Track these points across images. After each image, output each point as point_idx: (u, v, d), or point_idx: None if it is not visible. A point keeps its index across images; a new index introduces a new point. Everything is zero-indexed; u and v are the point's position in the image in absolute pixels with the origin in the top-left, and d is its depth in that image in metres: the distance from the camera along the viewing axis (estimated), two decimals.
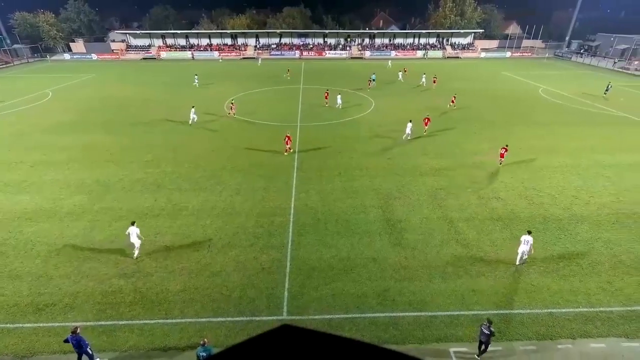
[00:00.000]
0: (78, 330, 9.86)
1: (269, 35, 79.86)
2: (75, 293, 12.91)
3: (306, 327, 0.92)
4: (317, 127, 30.24)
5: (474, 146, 25.85)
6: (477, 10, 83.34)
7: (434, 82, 45.59)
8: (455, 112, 34.30)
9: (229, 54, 76.04)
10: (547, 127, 29.71)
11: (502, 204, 18.43)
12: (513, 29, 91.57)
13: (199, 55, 76.03)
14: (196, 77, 47.25)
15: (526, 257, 14.26)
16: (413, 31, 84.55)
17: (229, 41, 79.37)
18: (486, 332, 10.21)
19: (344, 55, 76.28)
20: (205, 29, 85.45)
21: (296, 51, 76.68)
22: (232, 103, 34.34)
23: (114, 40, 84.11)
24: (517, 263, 14.23)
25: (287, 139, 24.32)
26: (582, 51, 75.91)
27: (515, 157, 23.53)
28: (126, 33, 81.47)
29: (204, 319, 11.94)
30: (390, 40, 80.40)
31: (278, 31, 79.58)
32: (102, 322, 11.80)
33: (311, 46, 78.71)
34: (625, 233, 16.05)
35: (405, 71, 51.69)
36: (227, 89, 44.63)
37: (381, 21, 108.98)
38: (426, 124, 28.34)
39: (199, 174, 21.68)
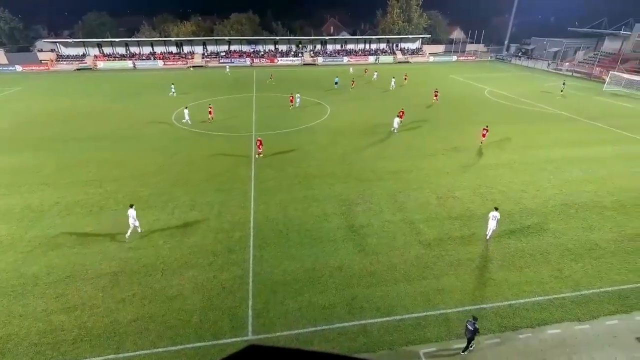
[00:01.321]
0: None
1: (217, 42, 77.60)
2: (5, 336, 11.31)
3: (274, 345, 0.86)
4: (273, 136, 29.60)
5: (429, 147, 26.68)
6: (422, 16, 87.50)
7: (405, 79, 51.74)
8: (411, 114, 35.15)
9: (175, 63, 72.93)
10: (495, 126, 31.21)
11: (459, 202, 19.06)
12: (457, 34, 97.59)
13: (141, 64, 71.95)
14: (173, 86, 44.83)
15: (492, 232, 15.54)
16: (364, 37, 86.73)
17: (174, 49, 75.97)
18: (471, 328, 10.38)
19: (297, 62, 76.21)
20: (147, 37, 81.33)
21: (247, 58, 75.25)
22: (210, 106, 33.77)
23: (41, 50, 77.15)
24: (487, 238, 15.67)
25: (258, 143, 24.62)
26: (519, 54, 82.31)
27: (467, 156, 24.68)
28: (56, 42, 74.57)
29: (161, 349, 10.97)
30: (342, 46, 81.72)
31: (226, 38, 77.67)
32: None
33: (262, 53, 77.75)
34: (570, 222, 17.25)
35: (366, 71, 59.72)
36: (183, 99, 42.64)
37: (332, 27, 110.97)
38: (401, 117, 30.37)
39: (148, 192, 20.21)
